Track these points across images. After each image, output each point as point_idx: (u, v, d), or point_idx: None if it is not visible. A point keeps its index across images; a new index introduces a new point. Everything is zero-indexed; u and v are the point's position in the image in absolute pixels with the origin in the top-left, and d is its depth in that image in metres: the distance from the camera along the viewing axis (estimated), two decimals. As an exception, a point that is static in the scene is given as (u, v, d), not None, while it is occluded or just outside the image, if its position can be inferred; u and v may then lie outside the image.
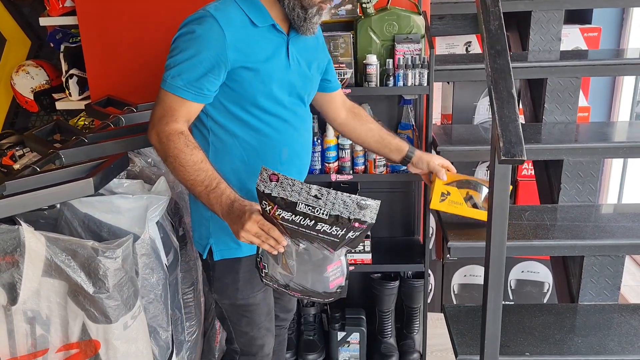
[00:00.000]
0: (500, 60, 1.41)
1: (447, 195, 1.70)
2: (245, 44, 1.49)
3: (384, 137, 1.89)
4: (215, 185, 1.43)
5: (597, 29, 2.96)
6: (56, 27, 2.72)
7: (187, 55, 1.45)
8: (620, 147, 2.14)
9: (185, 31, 1.48)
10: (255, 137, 1.60)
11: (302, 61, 1.63)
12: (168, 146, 1.45)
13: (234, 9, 1.50)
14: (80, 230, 1.57)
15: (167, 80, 1.48)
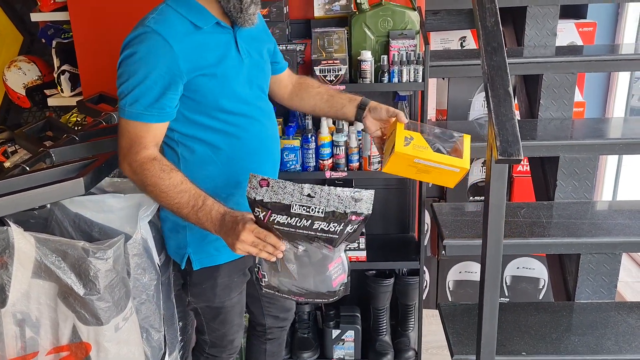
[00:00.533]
0: (497, 57, 1.39)
1: (410, 139, 1.53)
2: (194, 51, 1.44)
3: (333, 95, 1.77)
4: (201, 203, 1.40)
5: (592, 23, 2.94)
6: (48, 22, 2.68)
7: (139, 78, 1.40)
8: (616, 143, 2.13)
9: (129, 53, 1.41)
10: (225, 140, 1.56)
11: (253, 51, 1.59)
12: (144, 175, 1.42)
13: (174, 16, 1.44)
14: (71, 230, 1.55)
15: (125, 108, 1.43)
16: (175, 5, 1.46)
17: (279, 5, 2.24)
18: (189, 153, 1.56)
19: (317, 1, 2.33)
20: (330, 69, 2.19)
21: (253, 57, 1.59)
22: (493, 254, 1.50)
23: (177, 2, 1.47)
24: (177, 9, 1.45)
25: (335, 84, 2.20)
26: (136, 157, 1.43)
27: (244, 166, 1.58)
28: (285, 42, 2.28)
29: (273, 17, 2.25)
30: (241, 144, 1.58)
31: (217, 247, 1.55)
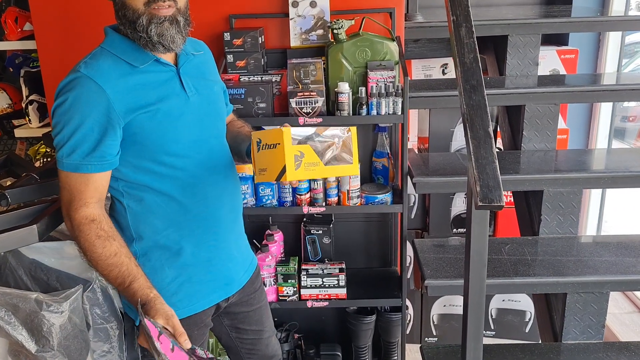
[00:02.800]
0: (476, 96, 1.33)
1: (301, 157, 1.34)
2: (131, 92, 1.35)
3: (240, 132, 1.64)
4: (128, 284, 1.33)
5: (574, 51, 2.92)
6: (15, 51, 2.59)
7: (73, 127, 1.31)
8: (602, 177, 2.07)
9: (61, 101, 1.32)
10: (175, 187, 1.45)
11: (202, 89, 1.49)
12: (79, 237, 1.35)
13: (108, 58, 1.37)
14: (26, 279, 1.44)
15: (62, 160, 1.34)
16: (109, 46, 1.39)
17: (253, 35, 2.17)
18: (135, 203, 1.45)
19: (294, 31, 2.27)
20: (306, 101, 2.12)
21: (202, 95, 1.49)
22: (475, 299, 1.43)
23: (112, 43, 1.40)
24: (111, 51, 1.38)
25: (312, 117, 2.12)
26: (75, 214, 1.35)
27: (197, 214, 1.49)
28: (260, 72, 2.21)
29: (248, 47, 2.18)
30: (193, 190, 1.48)
31: (174, 302, 1.45)
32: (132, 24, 1.35)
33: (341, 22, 2.13)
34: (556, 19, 2.41)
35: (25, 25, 2.45)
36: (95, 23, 2.27)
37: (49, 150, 2.68)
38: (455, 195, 2.84)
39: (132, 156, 1.40)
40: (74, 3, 2.31)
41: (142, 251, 1.48)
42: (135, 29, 1.35)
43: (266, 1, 2.28)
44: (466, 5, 1.46)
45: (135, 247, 1.47)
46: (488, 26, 2.35)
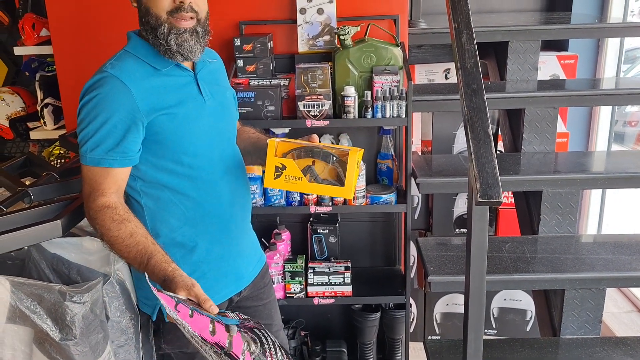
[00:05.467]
0: (477, 99, 1.40)
1: (282, 169, 1.43)
2: (153, 92, 1.43)
3: (260, 138, 1.73)
4: (146, 262, 1.35)
5: (574, 56, 2.99)
6: (32, 56, 2.67)
7: (98, 123, 1.38)
8: (598, 178, 2.14)
9: (88, 99, 1.40)
10: (190, 185, 1.52)
11: (217, 94, 1.58)
12: (96, 223, 1.39)
13: (132, 60, 1.44)
14: (48, 272, 1.52)
15: (86, 155, 1.41)
16: (133, 50, 1.47)
17: (262, 41, 2.25)
18: (153, 202, 1.52)
19: (301, 37, 2.35)
20: (314, 104, 2.20)
21: (217, 99, 1.57)
22: (476, 293, 1.49)
23: (135, 47, 1.47)
24: (135, 54, 1.46)
25: (319, 119, 2.20)
26: (92, 204, 1.40)
27: (211, 211, 1.56)
28: (269, 77, 2.29)
29: (257, 52, 2.26)
30: (209, 189, 1.55)
31: None
32: (154, 31, 1.42)
33: (347, 29, 2.21)
34: (555, 26, 2.49)
35: (42, 31, 2.53)
36: (110, 29, 2.38)
37: (62, 151, 2.76)
38: (458, 196, 2.91)
39: (152, 155, 1.47)
40: (89, 10, 2.39)
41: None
42: (156, 36, 1.42)
43: (275, 8, 2.37)
44: (467, 14, 1.53)
45: None
46: (489, 32, 2.43)
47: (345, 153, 1.45)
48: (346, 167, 1.43)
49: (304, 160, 1.47)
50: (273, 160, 1.45)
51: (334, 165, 1.46)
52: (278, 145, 1.49)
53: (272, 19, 2.37)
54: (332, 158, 1.46)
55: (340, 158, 1.45)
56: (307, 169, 1.46)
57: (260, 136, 1.75)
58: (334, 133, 2.44)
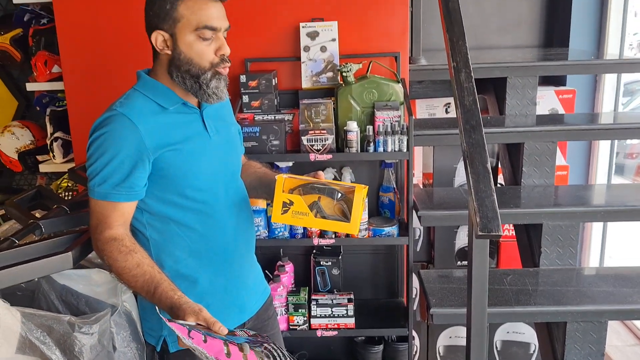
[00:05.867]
0: (475, 135, 1.45)
1: (289, 205, 1.48)
2: (160, 130, 1.48)
3: (266, 173, 1.78)
4: (153, 291, 1.39)
5: (571, 91, 3.05)
6: (43, 91, 2.75)
7: (107, 159, 1.44)
8: (597, 211, 2.17)
9: (97, 136, 1.46)
10: (196, 218, 1.56)
11: (222, 130, 1.63)
12: (104, 255, 1.44)
13: (140, 98, 1.50)
14: (58, 303, 1.55)
15: (94, 189, 1.46)
16: (142, 89, 1.52)
17: (268, 78, 2.33)
18: (157, 234, 1.56)
19: (305, 73, 2.42)
20: (317, 139, 2.25)
21: (222, 135, 1.62)
22: (477, 325, 1.51)
23: (144, 86, 1.53)
24: (143, 92, 1.51)
25: (322, 153, 2.25)
26: (99, 236, 1.45)
27: (215, 244, 1.59)
28: (274, 112, 2.35)
29: (262, 88, 2.33)
30: (212, 222, 1.58)
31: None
32: (195, 78, 1.48)
33: (350, 66, 2.28)
34: (552, 62, 2.56)
35: (54, 68, 2.61)
36: (119, 67, 2.46)
37: (70, 184, 2.81)
38: (459, 228, 2.94)
39: (158, 189, 1.52)
40: (100, 48, 2.48)
41: None
42: (198, 82, 1.49)
43: (280, 46, 2.44)
44: (465, 53, 1.60)
45: None
46: (488, 68, 2.50)
47: (350, 190, 1.49)
48: (351, 204, 1.47)
49: (310, 196, 1.50)
50: (281, 196, 1.49)
51: (340, 202, 1.50)
52: (285, 181, 1.53)
53: (277, 56, 2.45)
54: (337, 194, 1.50)
55: (345, 195, 1.49)
56: (314, 204, 1.50)
57: (267, 171, 1.80)
58: (337, 167, 2.50)
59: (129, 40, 2.46)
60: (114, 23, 2.45)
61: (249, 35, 2.42)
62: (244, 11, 2.40)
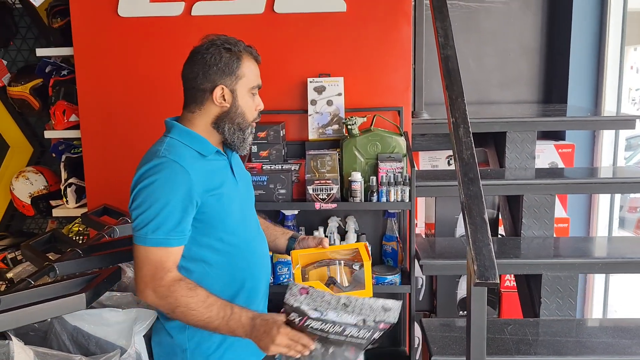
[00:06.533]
0: (473, 187, 1.53)
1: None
2: (204, 175, 1.55)
3: (268, 227, 1.89)
4: (230, 312, 1.46)
5: (571, 145, 3.14)
6: (60, 139, 2.86)
7: (160, 205, 1.47)
8: (595, 262, 2.23)
9: (148, 183, 1.49)
10: (226, 260, 1.62)
11: (243, 175, 1.74)
12: (174, 297, 1.47)
13: (183, 147, 1.57)
14: (69, 344, 1.60)
15: (147, 236, 1.48)
16: (179, 137, 1.60)
17: (276, 129, 2.43)
18: (188, 275, 1.59)
19: (312, 125, 2.53)
20: (322, 188, 2.33)
21: (244, 181, 1.73)
22: (477, 373, 1.55)
23: (181, 134, 1.60)
24: (181, 140, 1.59)
25: (327, 202, 2.33)
26: (161, 282, 1.48)
27: (243, 283, 1.65)
28: (281, 162, 2.45)
29: (270, 139, 2.43)
30: (237, 261, 1.65)
31: None
32: (241, 130, 1.61)
33: (354, 119, 2.39)
34: (550, 118, 2.66)
35: (71, 117, 2.73)
36: (133, 117, 2.58)
37: (81, 228, 2.88)
38: (461, 278, 2.98)
39: (196, 233, 1.58)
40: (117, 99, 2.60)
41: None
42: (243, 134, 1.62)
43: (288, 99, 2.56)
44: (464, 110, 1.69)
45: None
46: (488, 123, 2.60)
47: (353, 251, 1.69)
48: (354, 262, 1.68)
49: (323, 269, 1.71)
50: (299, 279, 1.66)
51: (347, 265, 1.70)
52: (300, 258, 1.70)
53: (286, 109, 2.56)
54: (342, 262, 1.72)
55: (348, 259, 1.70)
56: (330, 280, 1.68)
57: (268, 226, 1.89)
58: (342, 215, 2.57)
59: (144, 93, 2.58)
60: (131, 76, 2.59)
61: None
62: (255, 66, 2.52)
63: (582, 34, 3.26)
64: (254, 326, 1.45)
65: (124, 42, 2.57)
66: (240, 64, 1.58)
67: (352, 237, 2.51)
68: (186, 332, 1.57)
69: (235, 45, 1.59)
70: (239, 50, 1.59)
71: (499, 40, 3.39)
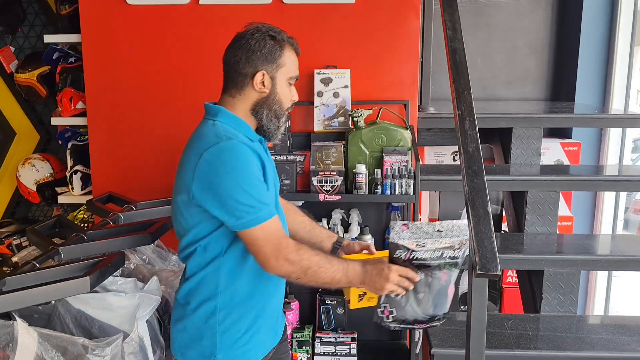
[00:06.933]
0: (477, 180, 1.53)
1: (363, 295, 1.71)
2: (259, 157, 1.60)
3: (314, 227, 1.90)
4: (345, 263, 1.55)
5: (577, 143, 3.14)
6: (66, 126, 2.87)
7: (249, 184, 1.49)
8: (598, 260, 2.22)
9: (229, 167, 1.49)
10: None
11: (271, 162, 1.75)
12: (305, 259, 1.51)
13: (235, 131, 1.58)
14: (72, 327, 1.62)
15: (257, 216, 1.48)
16: (228, 122, 1.59)
17: (282, 120, 2.43)
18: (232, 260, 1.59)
19: (317, 117, 2.53)
20: (327, 180, 2.34)
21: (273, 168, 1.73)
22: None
23: (230, 120, 1.60)
24: (231, 125, 1.59)
25: (331, 194, 2.34)
26: (289, 248, 1.50)
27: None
28: (286, 153, 2.45)
29: (276, 130, 2.43)
30: None
31: (245, 351, 1.60)
32: (277, 118, 1.64)
33: (360, 112, 2.39)
34: (557, 115, 2.65)
35: (78, 104, 2.74)
36: (140, 105, 2.59)
37: (86, 215, 2.90)
38: (463, 273, 2.98)
39: None
40: (122, 86, 2.61)
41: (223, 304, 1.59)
42: (278, 122, 1.65)
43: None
44: (470, 103, 1.69)
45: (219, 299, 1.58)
46: (495, 119, 2.59)
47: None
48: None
49: None
50: (356, 290, 1.71)
51: None
52: None
53: (292, 100, 2.56)
54: None
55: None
56: None
57: (313, 226, 1.91)
58: (345, 208, 2.57)
59: (151, 80, 2.59)
60: (138, 64, 2.59)
61: (265, 80, 2.55)
62: (262, 57, 2.52)
63: (592, 32, 3.26)
64: (366, 271, 1.54)
65: (131, 30, 2.57)
66: (282, 52, 1.61)
67: (356, 230, 2.52)
68: (217, 316, 1.57)
69: (279, 34, 1.63)
70: (282, 39, 1.63)
71: (507, 37, 3.39)
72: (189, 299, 1.60)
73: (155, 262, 2.15)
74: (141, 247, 2.10)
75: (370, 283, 1.54)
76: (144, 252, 2.12)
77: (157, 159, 2.63)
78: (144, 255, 2.13)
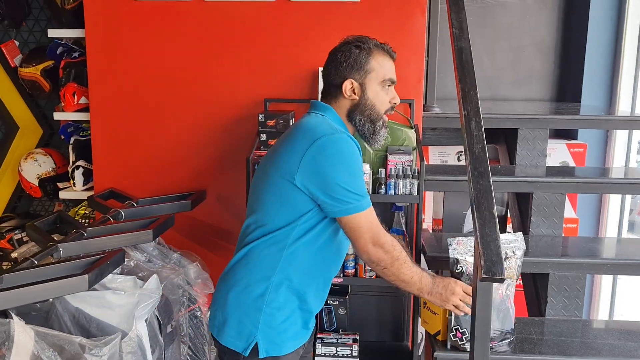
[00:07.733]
0: (483, 181, 1.50)
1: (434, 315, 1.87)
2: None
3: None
4: (420, 271, 1.66)
5: (583, 145, 3.11)
6: (69, 121, 2.85)
7: (357, 173, 1.62)
8: (604, 263, 2.19)
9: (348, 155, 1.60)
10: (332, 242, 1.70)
11: None
12: (397, 251, 1.63)
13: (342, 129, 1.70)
14: (70, 325, 1.60)
15: (361, 202, 1.59)
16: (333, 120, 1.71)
17: (285, 118, 2.41)
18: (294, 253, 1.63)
19: (322, 115, 2.50)
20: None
21: None
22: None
23: (334, 119, 1.71)
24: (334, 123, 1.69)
25: (334, 193, 2.31)
26: (385, 237, 1.63)
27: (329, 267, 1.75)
28: (289, 151, 2.42)
29: (280, 127, 2.41)
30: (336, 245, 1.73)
31: (282, 340, 1.63)
32: (372, 122, 1.74)
33: (365, 110, 2.36)
34: (563, 116, 2.62)
35: (81, 99, 2.72)
36: (143, 101, 2.57)
37: (88, 211, 2.88)
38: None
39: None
40: (126, 82, 2.59)
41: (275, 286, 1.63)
42: (374, 127, 1.73)
43: (298, 88, 2.54)
44: (476, 102, 1.66)
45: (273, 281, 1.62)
46: (500, 119, 2.57)
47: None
48: None
49: None
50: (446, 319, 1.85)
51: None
52: None
53: (295, 97, 2.54)
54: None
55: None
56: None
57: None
58: (349, 207, 2.54)
59: (154, 77, 2.57)
60: (142, 60, 2.57)
61: (269, 77, 2.52)
62: (267, 54, 2.50)
63: (599, 32, 3.22)
64: (435, 283, 1.67)
65: (135, 25, 2.55)
66: (369, 59, 1.71)
67: (358, 230, 2.49)
68: (266, 297, 1.62)
69: (365, 43, 1.73)
70: (368, 46, 1.72)
71: (513, 37, 3.36)
72: (242, 275, 1.64)
73: (156, 259, 2.13)
74: (142, 245, 2.08)
75: (437, 295, 1.66)
76: (144, 249, 2.11)
77: (160, 155, 2.62)
78: (144, 253, 2.11)
